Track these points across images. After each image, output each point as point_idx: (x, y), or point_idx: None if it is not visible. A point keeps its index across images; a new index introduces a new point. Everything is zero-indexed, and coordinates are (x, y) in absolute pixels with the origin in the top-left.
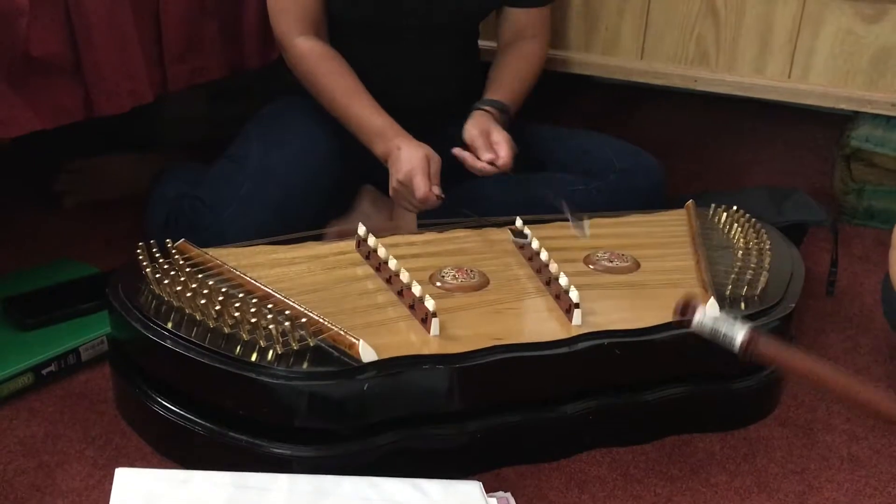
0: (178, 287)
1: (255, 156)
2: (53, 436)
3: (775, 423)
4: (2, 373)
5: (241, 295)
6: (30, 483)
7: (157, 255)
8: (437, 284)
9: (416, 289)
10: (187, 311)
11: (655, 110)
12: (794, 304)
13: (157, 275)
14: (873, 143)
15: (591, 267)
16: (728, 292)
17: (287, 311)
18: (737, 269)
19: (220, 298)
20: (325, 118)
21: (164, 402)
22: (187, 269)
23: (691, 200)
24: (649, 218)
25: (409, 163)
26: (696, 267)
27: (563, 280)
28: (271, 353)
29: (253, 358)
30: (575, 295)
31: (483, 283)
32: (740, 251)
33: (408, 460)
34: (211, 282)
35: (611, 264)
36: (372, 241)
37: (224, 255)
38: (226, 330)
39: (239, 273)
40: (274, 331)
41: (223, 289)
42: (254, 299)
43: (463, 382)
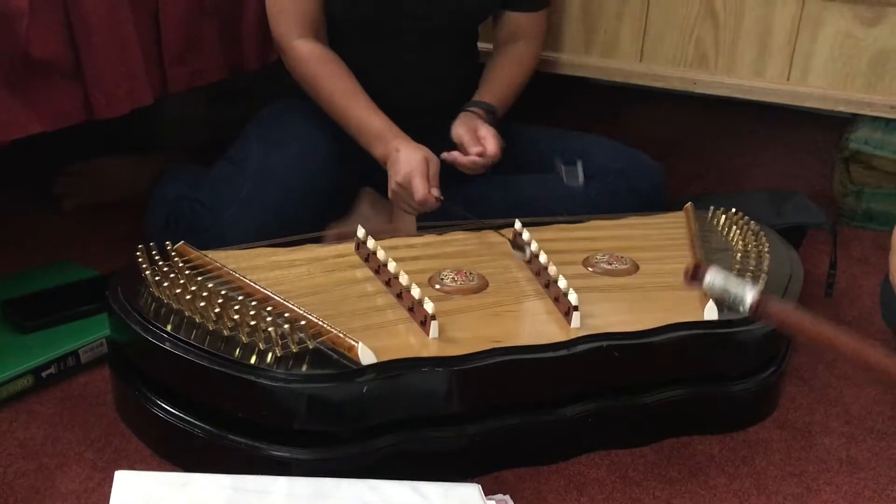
0: (178, 289)
1: (255, 158)
2: (53, 438)
3: (774, 426)
4: (1, 375)
5: (240, 297)
6: (29, 485)
7: (156, 257)
8: (437, 287)
9: (416, 291)
10: (187, 314)
11: (654, 112)
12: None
13: (157, 277)
14: (872, 146)
15: (590, 269)
16: None
17: (286, 314)
18: (736, 271)
19: (220, 301)
20: (324, 120)
21: (163, 405)
22: (187, 271)
23: (690, 203)
24: (648, 220)
25: (408, 165)
26: None
27: (562, 282)
28: (270, 355)
29: (252, 360)
30: (574, 297)
31: (482, 286)
32: (739, 253)
33: (407, 463)
34: (210, 284)
35: (610, 267)
36: (371, 243)
37: (223, 258)
38: (225, 332)
39: (238, 275)
40: (273, 333)
41: (222, 291)
42: (253, 302)
43: (462, 385)
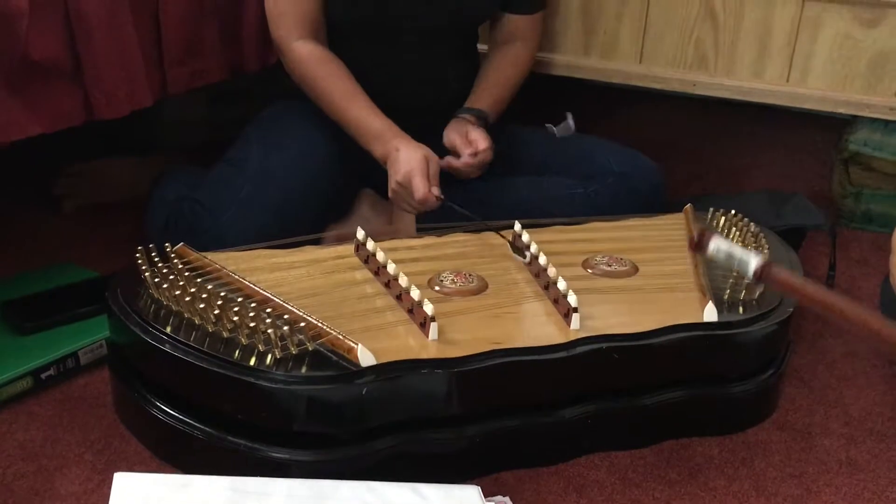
0: (177, 291)
1: (255, 159)
2: (52, 440)
3: (773, 427)
4: (1, 377)
5: (239, 299)
6: (29, 487)
7: (156, 259)
8: (436, 288)
9: (415, 293)
10: (186, 316)
11: (654, 113)
12: (792, 308)
13: (156, 279)
14: (871, 147)
15: (590, 271)
16: (726, 296)
17: (286, 316)
18: (735, 273)
19: (219, 303)
20: (324, 122)
21: (162, 407)
22: (186, 273)
23: (690, 204)
24: (648, 222)
25: (408, 164)
26: (694, 271)
27: (562, 284)
28: (270, 357)
29: (251, 362)
30: (573, 299)
31: (482, 287)
32: None
33: (406, 464)
34: (210, 286)
35: (609, 268)
36: (371, 244)
37: (223, 259)
38: (224, 334)
39: (238, 277)
40: (272, 335)
41: (222, 293)
42: (252, 303)
43: (461, 387)
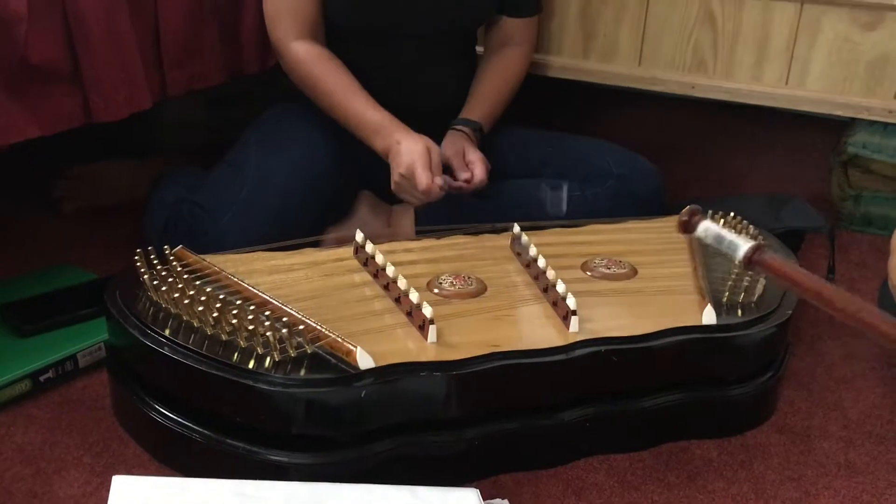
0: (176, 294)
1: (254, 161)
2: (51, 443)
3: (772, 430)
4: None
5: (238, 302)
6: (27, 490)
7: (154, 261)
8: (435, 291)
9: (414, 295)
10: (185, 318)
11: (653, 116)
12: (790, 311)
13: (155, 281)
14: (870, 150)
15: (589, 274)
16: (725, 299)
17: (285, 318)
18: (734, 275)
19: (218, 305)
20: (323, 124)
21: (161, 409)
22: (185, 275)
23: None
24: (647, 224)
25: (410, 155)
26: (693, 273)
27: (561, 287)
28: (268, 359)
29: (250, 365)
30: (572, 302)
31: (480, 290)
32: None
33: (405, 467)
34: (209, 288)
35: (608, 271)
36: (370, 247)
37: (222, 262)
38: (223, 337)
39: (236, 280)
40: (271, 338)
41: (221, 295)
42: (251, 306)
43: (460, 389)
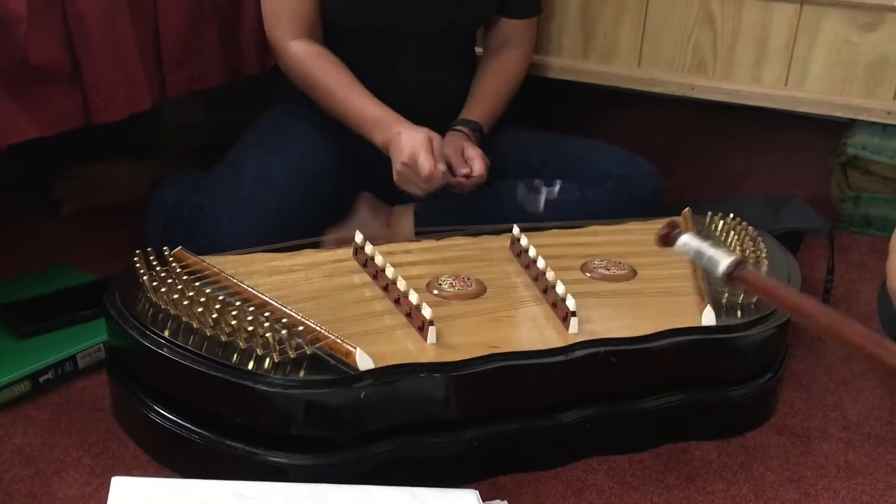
0: (175, 295)
1: (254, 163)
2: (50, 444)
3: (772, 431)
4: None
5: (238, 303)
6: (27, 491)
7: (154, 262)
8: (434, 292)
9: (414, 297)
10: (184, 319)
11: (652, 117)
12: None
13: (155, 282)
14: (870, 151)
15: (588, 275)
16: (724, 300)
17: (284, 319)
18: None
19: (217, 306)
20: (323, 125)
21: (161, 411)
22: (184, 276)
23: (688, 208)
24: (646, 225)
25: (411, 143)
26: (692, 275)
27: (560, 288)
28: (268, 361)
29: (250, 366)
30: (572, 303)
31: (480, 291)
32: None
33: (404, 468)
34: (208, 290)
35: (608, 272)
36: (369, 248)
37: (221, 263)
38: (223, 338)
39: (236, 281)
40: (271, 339)
41: (220, 297)
42: (251, 307)
43: (460, 391)
